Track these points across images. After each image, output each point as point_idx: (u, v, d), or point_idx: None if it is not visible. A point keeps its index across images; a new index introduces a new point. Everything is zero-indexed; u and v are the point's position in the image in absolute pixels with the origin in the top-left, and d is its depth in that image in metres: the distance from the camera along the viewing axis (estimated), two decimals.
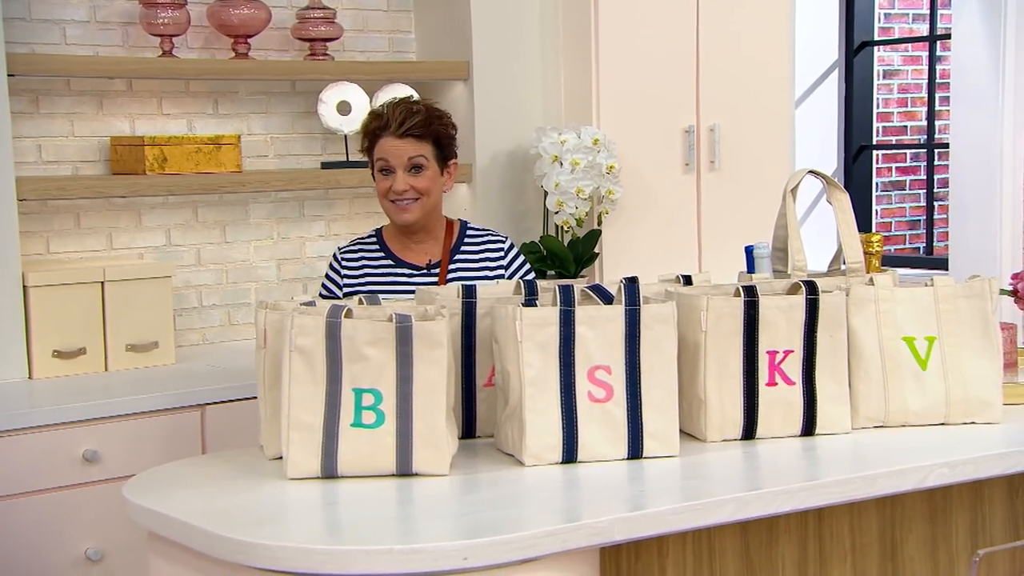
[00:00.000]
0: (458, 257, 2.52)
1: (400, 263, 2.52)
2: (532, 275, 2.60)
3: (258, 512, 1.75)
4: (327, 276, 2.59)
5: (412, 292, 2.39)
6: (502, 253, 2.58)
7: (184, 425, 2.68)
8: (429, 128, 2.45)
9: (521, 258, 2.61)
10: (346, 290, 2.52)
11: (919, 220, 5.95)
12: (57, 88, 3.03)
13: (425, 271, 2.50)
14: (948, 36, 4.93)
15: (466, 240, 2.56)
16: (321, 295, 2.57)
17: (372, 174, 2.53)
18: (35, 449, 2.52)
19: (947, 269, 4.61)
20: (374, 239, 2.57)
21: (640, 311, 1.90)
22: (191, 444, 2.67)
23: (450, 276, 2.50)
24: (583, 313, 1.89)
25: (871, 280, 2.10)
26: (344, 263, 2.56)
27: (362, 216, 3.44)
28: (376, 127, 2.47)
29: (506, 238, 2.62)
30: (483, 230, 2.61)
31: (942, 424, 2.09)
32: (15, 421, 2.50)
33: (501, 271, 2.56)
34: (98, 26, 3.08)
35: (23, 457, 2.50)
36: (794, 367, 2.01)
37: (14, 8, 2.93)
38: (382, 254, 2.54)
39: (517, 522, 1.66)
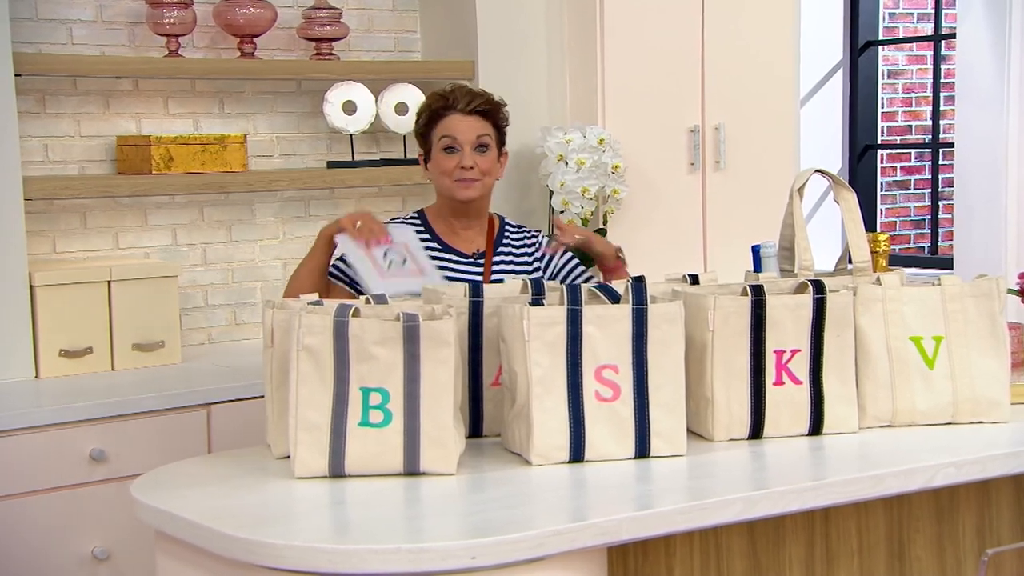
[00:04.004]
0: (501, 249, 2.53)
1: (447, 248, 2.49)
2: (577, 264, 2.58)
3: (266, 511, 1.75)
4: None
5: (457, 279, 2.40)
6: (538, 245, 2.59)
7: (190, 424, 2.68)
8: (495, 108, 2.47)
9: (568, 255, 2.59)
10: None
11: (924, 220, 5.94)
12: (63, 88, 3.04)
13: (472, 260, 2.49)
14: (953, 36, 4.92)
15: (507, 233, 2.56)
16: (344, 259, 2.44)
17: (425, 157, 2.49)
18: (42, 448, 2.52)
19: (952, 269, 4.60)
20: (418, 220, 2.53)
21: (647, 310, 1.90)
22: (197, 443, 2.67)
23: (495, 268, 2.50)
24: (590, 312, 1.89)
25: (878, 279, 2.10)
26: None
27: None
28: (440, 106, 2.45)
29: (540, 232, 2.64)
30: (519, 226, 2.63)
31: (949, 424, 2.09)
32: (22, 420, 2.50)
33: (538, 264, 2.57)
34: (104, 26, 3.08)
35: (30, 456, 2.51)
36: (801, 366, 2.01)
37: (21, 8, 2.94)
38: (428, 236, 2.50)
39: (525, 521, 1.66)
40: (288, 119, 3.34)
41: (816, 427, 2.03)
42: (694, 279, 2.17)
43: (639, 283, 1.93)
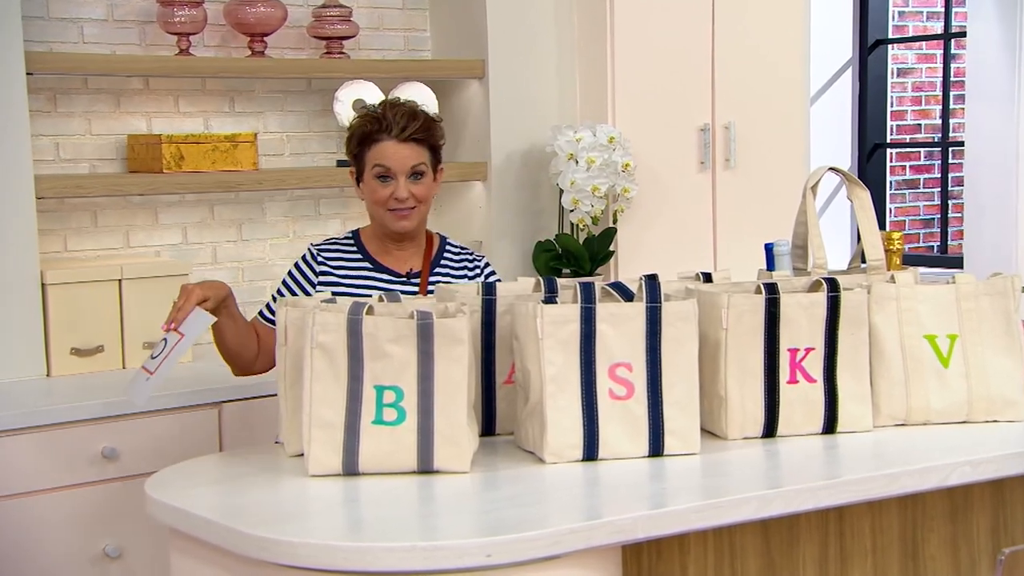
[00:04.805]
0: (438, 270, 2.43)
1: (379, 268, 2.40)
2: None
3: (280, 509, 1.75)
4: (297, 270, 2.41)
5: None
6: (478, 271, 2.48)
7: (201, 423, 2.68)
8: (430, 134, 2.34)
9: (496, 276, 2.53)
10: (319, 288, 2.37)
11: (933, 219, 5.93)
12: (75, 86, 3.04)
13: (405, 279, 2.40)
14: (962, 34, 4.91)
15: (446, 254, 2.46)
16: (280, 291, 2.40)
17: (357, 179, 2.38)
18: (54, 446, 2.52)
19: (962, 268, 4.59)
20: (351, 241, 2.44)
21: (661, 308, 1.89)
22: (208, 441, 2.68)
23: (430, 289, 2.38)
24: (604, 310, 1.89)
25: (892, 278, 2.09)
26: (321, 259, 2.40)
27: None
28: (373, 130, 2.32)
29: (483, 257, 2.53)
30: (462, 247, 2.51)
31: (964, 422, 2.08)
32: (34, 418, 2.51)
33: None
34: (115, 24, 3.09)
35: (41, 454, 2.51)
36: (815, 365, 2.00)
37: (32, 7, 2.94)
38: (359, 256, 2.41)
39: (539, 519, 1.65)
40: (298, 118, 3.35)
41: (830, 426, 2.02)
42: (707, 277, 2.17)
43: (653, 281, 1.93)
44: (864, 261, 2.21)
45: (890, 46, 5.53)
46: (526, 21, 3.42)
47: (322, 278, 2.40)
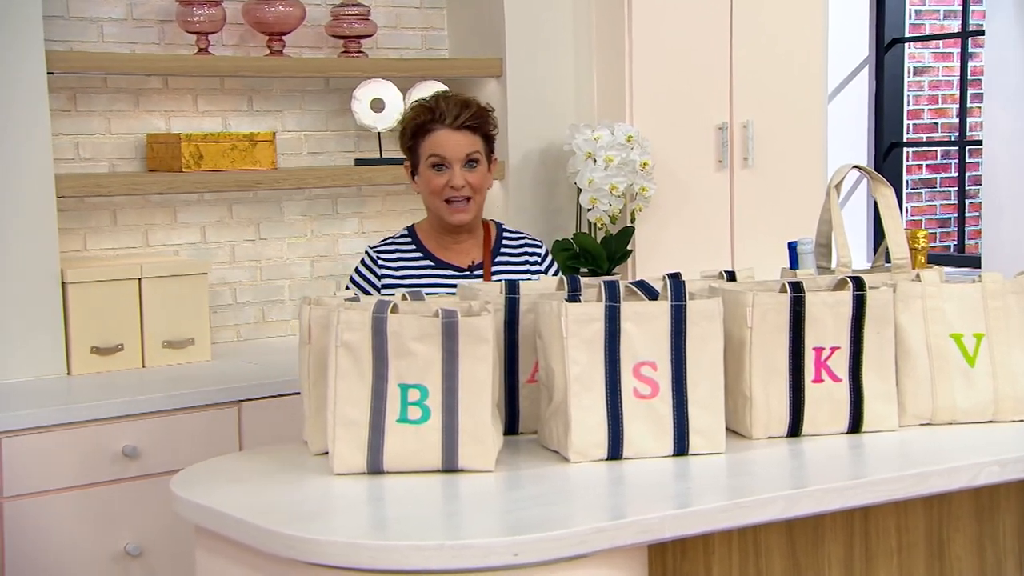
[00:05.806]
0: (499, 259, 2.44)
1: (441, 264, 2.41)
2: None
3: (305, 507, 1.75)
4: (359, 275, 2.45)
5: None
6: (539, 257, 2.51)
7: (221, 421, 2.68)
8: (483, 122, 2.36)
9: (555, 265, 2.56)
10: (384, 293, 2.38)
11: (950, 218, 5.91)
12: (94, 86, 3.04)
13: (468, 273, 2.41)
14: (980, 32, 4.89)
15: (504, 242, 2.47)
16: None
17: (412, 171, 2.41)
18: (74, 445, 2.53)
19: (980, 267, 4.57)
20: (408, 238, 2.45)
21: (686, 307, 1.88)
22: (228, 440, 2.68)
23: (494, 279, 2.40)
24: (628, 309, 1.88)
25: (918, 276, 2.08)
26: (381, 262, 2.42)
27: (395, 213, 3.44)
28: (427, 120, 2.34)
29: (541, 242, 2.54)
30: (518, 232, 2.53)
31: (990, 422, 2.07)
32: (54, 417, 2.51)
33: (541, 275, 2.49)
34: (135, 24, 3.09)
35: (62, 453, 2.52)
36: (841, 364, 1.99)
37: (53, 6, 2.95)
38: (419, 254, 2.42)
39: (565, 519, 1.65)
40: (316, 117, 3.35)
41: (855, 425, 2.01)
42: (731, 276, 2.16)
43: (677, 280, 1.92)
44: (889, 260, 2.20)
45: (907, 45, 5.50)
46: (543, 19, 3.41)
47: (385, 280, 2.40)
